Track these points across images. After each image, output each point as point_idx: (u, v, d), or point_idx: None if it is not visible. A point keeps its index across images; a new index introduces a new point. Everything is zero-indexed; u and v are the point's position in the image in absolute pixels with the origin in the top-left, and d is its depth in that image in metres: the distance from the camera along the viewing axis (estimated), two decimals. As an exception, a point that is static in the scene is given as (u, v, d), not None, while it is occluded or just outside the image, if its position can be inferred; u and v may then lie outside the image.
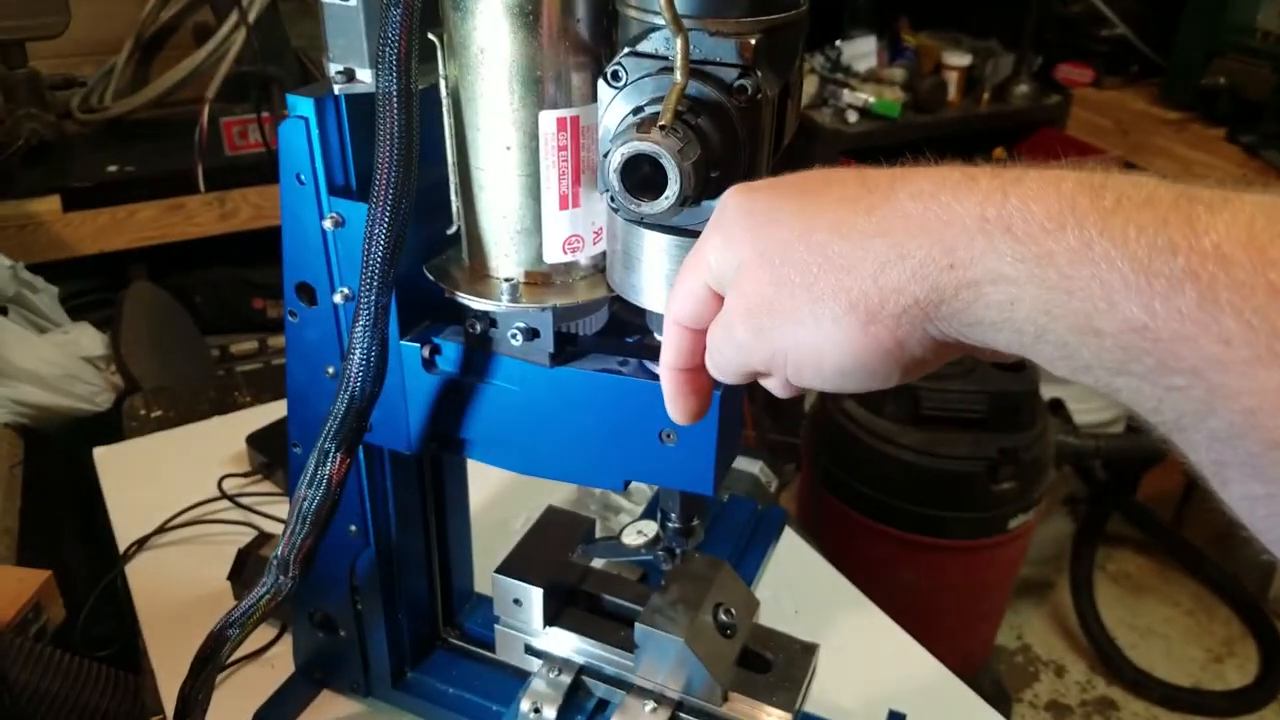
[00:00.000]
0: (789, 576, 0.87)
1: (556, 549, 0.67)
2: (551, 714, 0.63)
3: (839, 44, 2.01)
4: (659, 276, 0.45)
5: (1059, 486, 2.02)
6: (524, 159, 0.47)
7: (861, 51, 2.02)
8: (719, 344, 0.38)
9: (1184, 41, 1.84)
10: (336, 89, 0.49)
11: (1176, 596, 2.05)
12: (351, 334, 0.48)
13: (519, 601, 0.65)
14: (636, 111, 0.41)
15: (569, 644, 0.65)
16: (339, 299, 0.54)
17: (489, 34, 0.44)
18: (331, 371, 0.58)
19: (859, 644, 0.80)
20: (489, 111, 0.46)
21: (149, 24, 1.85)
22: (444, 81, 0.47)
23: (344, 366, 0.49)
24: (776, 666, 0.62)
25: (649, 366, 0.51)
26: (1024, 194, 0.28)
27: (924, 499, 1.45)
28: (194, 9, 1.87)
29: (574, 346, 0.53)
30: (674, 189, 0.38)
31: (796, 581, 0.86)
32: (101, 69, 1.84)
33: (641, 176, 0.39)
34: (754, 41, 0.38)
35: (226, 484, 0.94)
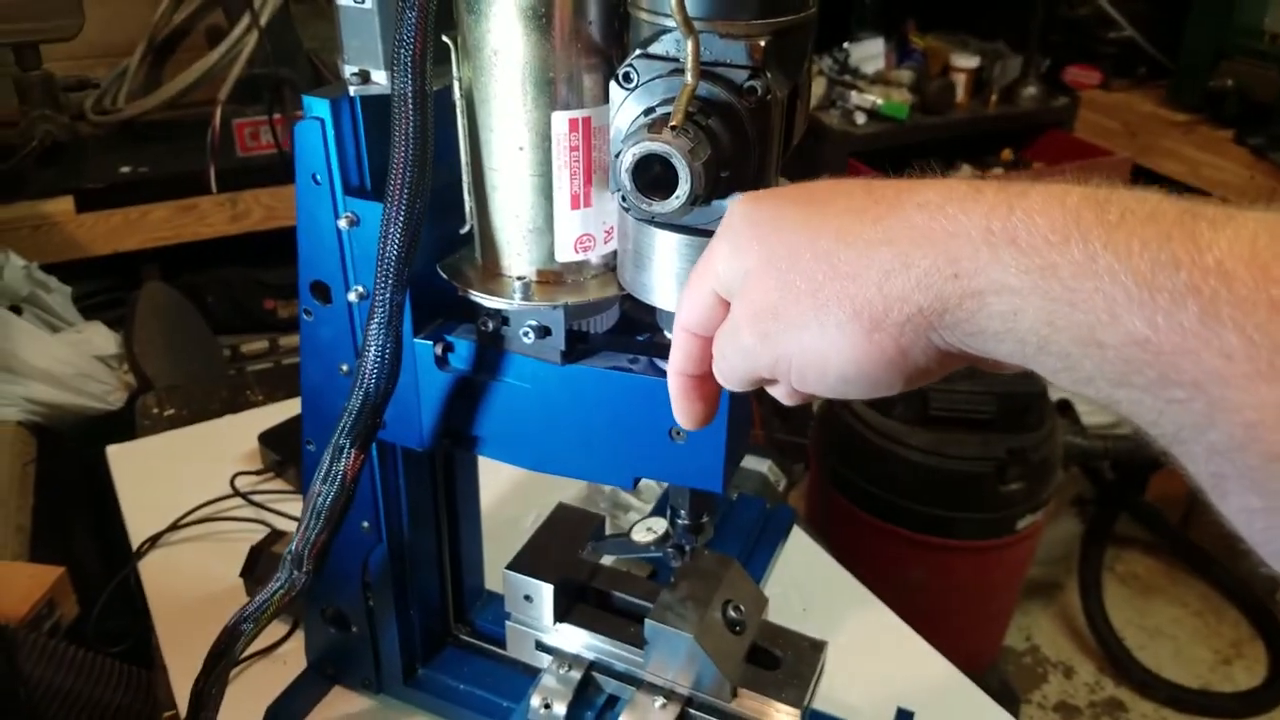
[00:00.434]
0: (797, 575, 0.87)
1: (567, 546, 0.67)
2: (562, 710, 0.64)
3: (847, 46, 2.01)
4: (669, 275, 0.46)
5: (1067, 487, 2.03)
6: (536, 159, 0.48)
7: (869, 53, 2.02)
8: (725, 350, 0.38)
9: (1191, 43, 1.84)
10: (352, 90, 0.50)
11: (1185, 598, 2.05)
12: (366, 331, 0.49)
13: (529, 598, 0.65)
14: (648, 112, 0.41)
15: (579, 640, 0.66)
16: (353, 297, 0.55)
17: (502, 36, 0.45)
18: (346, 369, 0.59)
19: (867, 642, 0.81)
20: (502, 112, 0.47)
21: (162, 26, 1.87)
22: (458, 83, 0.48)
23: (359, 363, 0.50)
24: (785, 663, 0.62)
25: (659, 364, 0.52)
26: (1029, 207, 0.29)
27: (932, 499, 1.45)
28: (206, 11, 1.89)
29: (585, 344, 0.53)
30: (685, 189, 0.39)
31: (805, 580, 0.87)
32: (115, 71, 1.86)
33: (653, 176, 0.39)
34: (763, 43, 0.39)
35: (239, 482, 0.95)
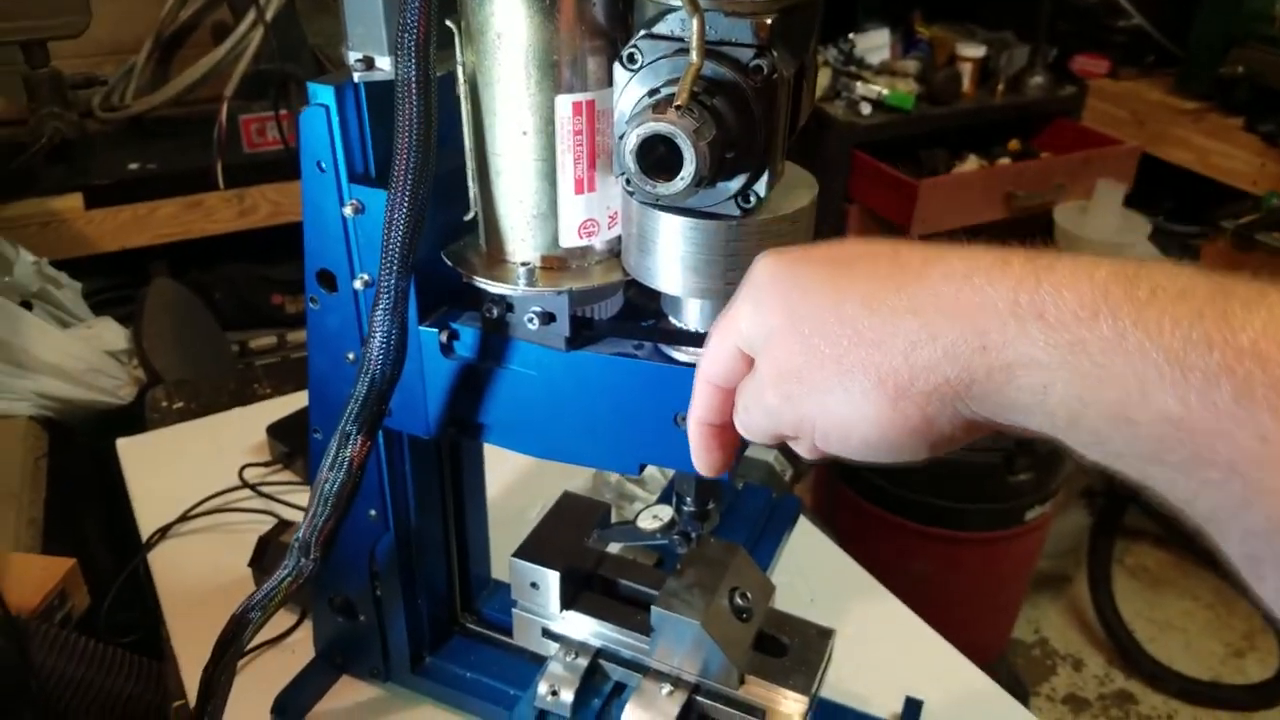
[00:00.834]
0: (804, 565, 0.87)
1: (573, 534, 0.67)
2: (569, 697, 0.64)
3: (852, 36, 2.01)
4: (674, 259, 0.46)
5: (1076, 479, 2.02)
6: (540, 144, 0.48)
7: (875, 44, 2.01)
8: (749, 406, 0.38)
9: (1201, 31, 1.83)
10: (356, 77, 0.49)
11: (1196, 590, 2.04)
12: (372, 318, 0.49)
13: (536, 585, 0.65)
14: (653, 93, 0.41)
15: (586, 627, 0.66)
16: (359, 285, 0.55)
17: (506, 19, 0.45)
18: (352, 357, 0.59)
19: (875, 631, 0.81)
20: (505, 96, 0.47)
21: (168, 23, 1.87)
22: (461, 68, 0.48)
23: (364, 350, 0.50)
24: (792, 650, 0.62)
25: (664, 350, 0.52)
26: (1057, 281, 0.28)
27: (940, 491, 1.45)
28: (212, 8, 1.89)
29: (590, 330, 0.53)
30: (690, 169, 0.39)
31: (812, 569, 0.87)
32: (122, 68, 1.86)
33: (657, 158, 0.39)
34: (769, 21, 0.39)
35: (247, 473, 0.96)
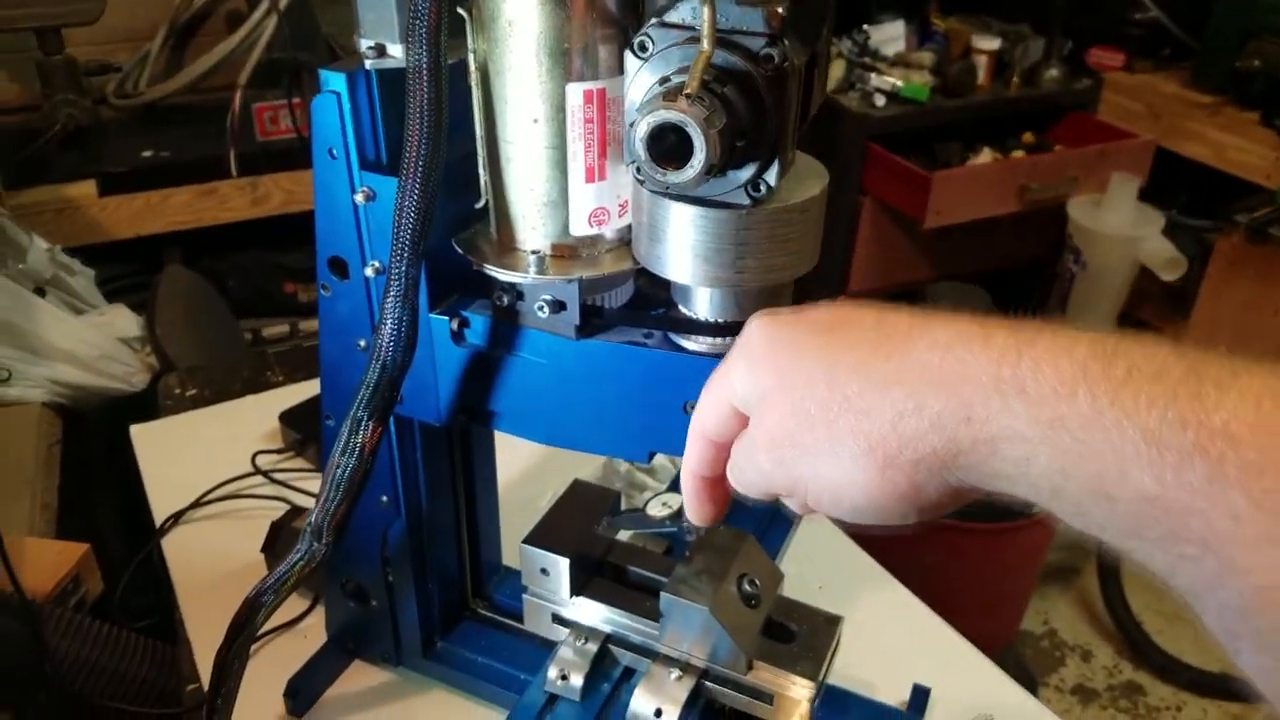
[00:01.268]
0: (814, 553, 0.87)
1: (583, 521, 0.68)
2: (578, 681, 0.65)
3: (867, 28, 2.00)
4: (684, 248, 0.46)
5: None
6: (551, 132, 0.48)
7: (890, 35, 2.00)
8: (742, 465, 0.39)
9: (1217, 24, 1.81)
10: (368, 64, 0.50)
11: (1206, 585, 2.03)
12: (383, 305, 0.49)
13: (546, 571, 0.66)
14: (663, 82, 0.41)
15: (596, 613, 0.66)
16: (370, 272, 0.55)
17: (517, 6, 0.45)
18: (363, 344, 0.59)
19: (883, 619, 0.81)
20: (517, 84, 0.47)
21: (183, 11, 1.88)
22: (472, 55, 0.48)
23: (375, 337, 0.50)
24: (800, 637, 0.62)
25: (674, 339, 0.52)
26: (1037, 356, 0.29)
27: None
28: (226, -4, 1.90)
29: (600, 319, 0.54)
30: (700, 158, 0.39)
31: (821, 558, 0.87)
32: (136, 55, 1.87)
33: (668, 146, 0.39)
34: (781, 10, 0.39)
35: (260, 460, 0.96)
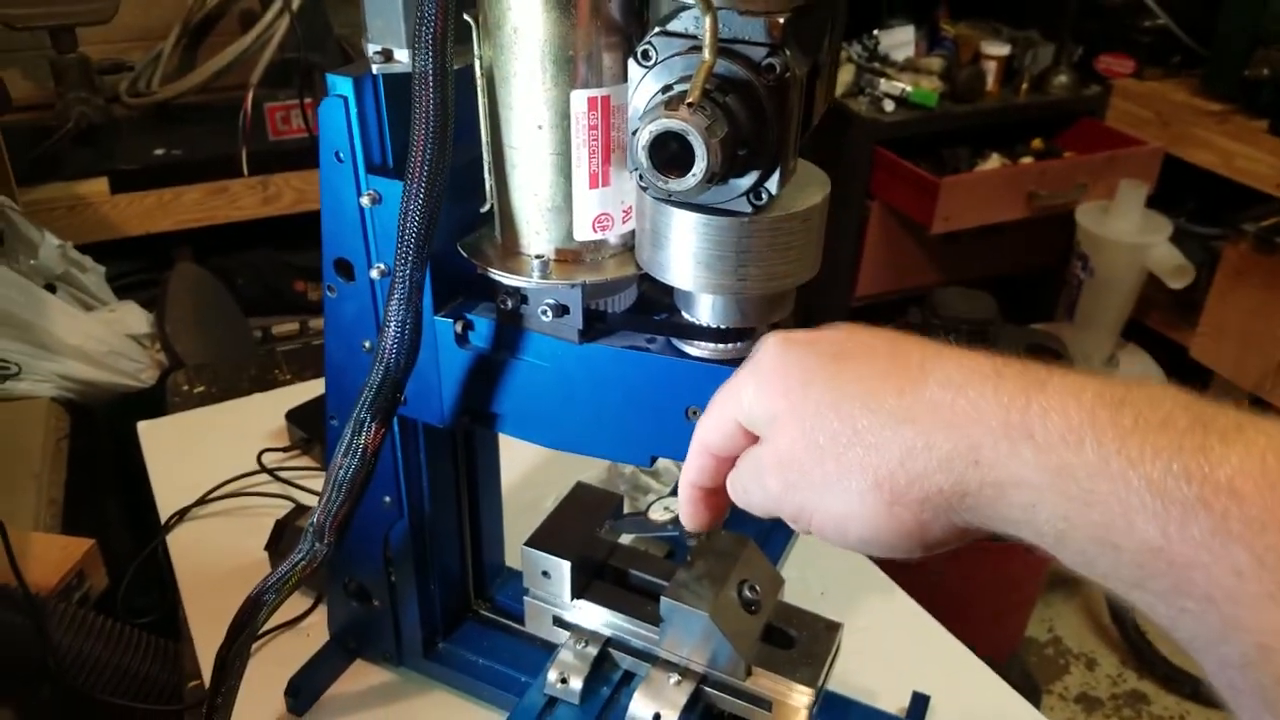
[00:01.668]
0: (815, 559, 0.87)
1: (585, 524, 0.68)
2: (578, 685, 0.65)
3: (877, 33, 2.00)
4: (686, 255, 0.46)
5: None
6: (556, 138, 0.48)
7: (899, 40, 2.00)
8: (747, 485, 0.39)
9: (1226, 32, 1.81)
10: (375, 69, 0.50)
11: (1212, 595, 2.02)
12: (387, 308, 0.50)
13: (548, 574, 0.66)
14: (666, 90, 0.41)
15: (596, 616, 0.67)
16: (375, 275, 0.56)
17: (522, 14, 0.45)
18: (368, 346, 0.59)
19: (884, 626, 0.81)
20: (522, 91, 0.47)
21: (196, 10, 1.90)
22: (478, 61, 0.49)
23: (380, 339, 0.50)
24: (800, 643, 0.63)
25: (676, 344, 0.52)
26: (1046, 402, 0.30)
27: (953, 490, 1.45)
28: (238, -4, 1.91)
29: (603, 323, 0.54)
30: (701, 166, 0.39)
31: (823, 563, 0.87)
32: (149, 54, 1.88)
33: (670, 154, 0.39)
34: (782, 20, 0.39)
35: (266, 458, 0.97)
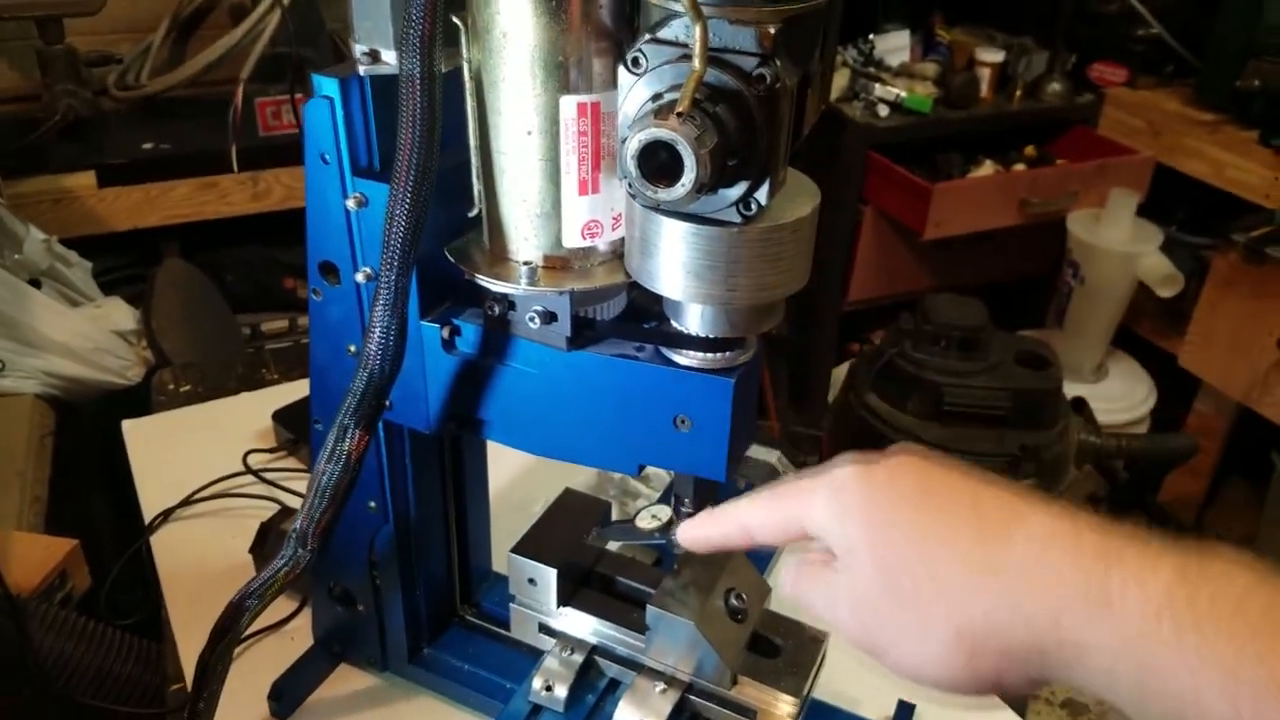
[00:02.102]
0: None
1: (572, 531, 0.68)
2: (563, 692, 0.64)
3: (872, 38, 1.99)
4: (676, 264, 0.46)
5: (1080, 485, 2.01)
6: (545, 144, 0.48)
7: (894, 46, 2.00)
8: (818, 602, 0.40)
9: (1218, 42, 1.81)
10: (361, 70, 0.50)
11: (1197, 601, 2.03)
12: (372, 313, 0.49)
13: (534, 581, 0.66)
14: (656, 98, 0.41)
15: (582, 624, 0.66)
16: (361, 279, 0.55)
17: (512, 18, 0.45)
18: (353, 350, 0.59)
19: (869, 636, 0.81)
20: (511, 96, 0.47)
21: (186, 3, 1.88)
22: (467, 65, 0.48)
23: (364, 345, 0.50)
24: (785, 652, 0.62)
25: (665, 353, 0.52)
26: (1125, 573, 0.31)
27: (942, 495, 1.45)
28: (230, -10, 1.90)
29: (591, 331, 0.53)
30: (690, 176, 0.39)
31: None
32: (138, 47, 1.87)
33: (659, 164, 0.39)
34: (773, 30, 0.39)
35: (252, 459, 0.96)
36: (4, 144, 1.60)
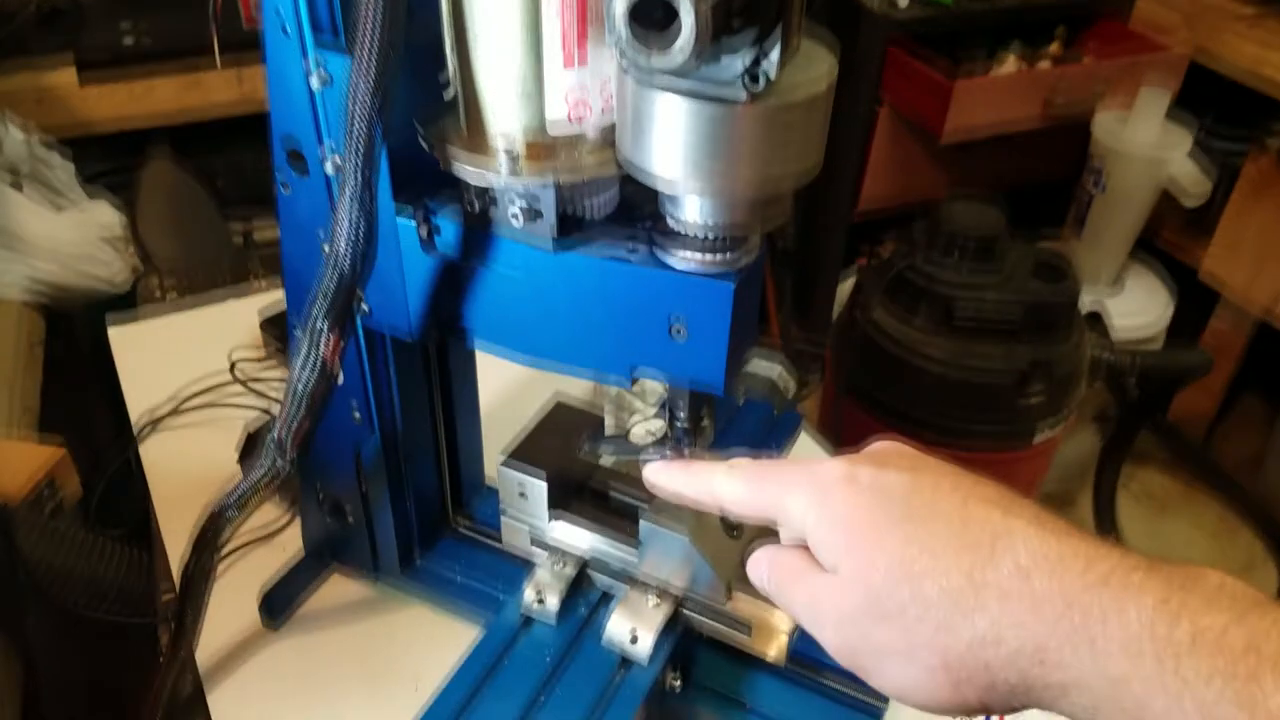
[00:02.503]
0: (805, 479, 0.85)
1: (563, 443, 0.65)
2: (555, 604, 0.62)
3: (891, -79, 1.87)
4: (670, 149, 0.41)
5: (1089, 401, 1.98)
6: (526, 9, 0.42)
7: (915, -70, 1.88)
8: (802, 616, 0.39)
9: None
10: (323, -71, 0.44)
11: (1201, 518, 2.03)
12: (338, 204, 0.45)
13: (524, 493, 0.63)
14: (649, -50, 0.36)
15: (574, 536, 0.64)
16: (330, 169, 0.51)
17: None
18: (328, 249, 0.55)
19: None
20: (488, -45, 0.42)
21: (161, -113, 1.77)
22: (439, -79, 0.43)
23: (331, 241, 0.46)
24: (784, 568, 0.60)
25: (660, 254, 0.48)
26: (1106, 605, 0.30)
27: (949, 408, 1.42)
28: None
29: (579, 229, 0.49)
30: (688, 34, 0.34)
31: (812, 485, 0.84)
32: (113, -66, 1.76)
33: (652, 22, 0.34)
34: None
35: (240, 366, 0.93)
36: (-23, 36, 1.52)
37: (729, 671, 0.63)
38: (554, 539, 0.65)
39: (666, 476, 0.45)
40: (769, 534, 0.49)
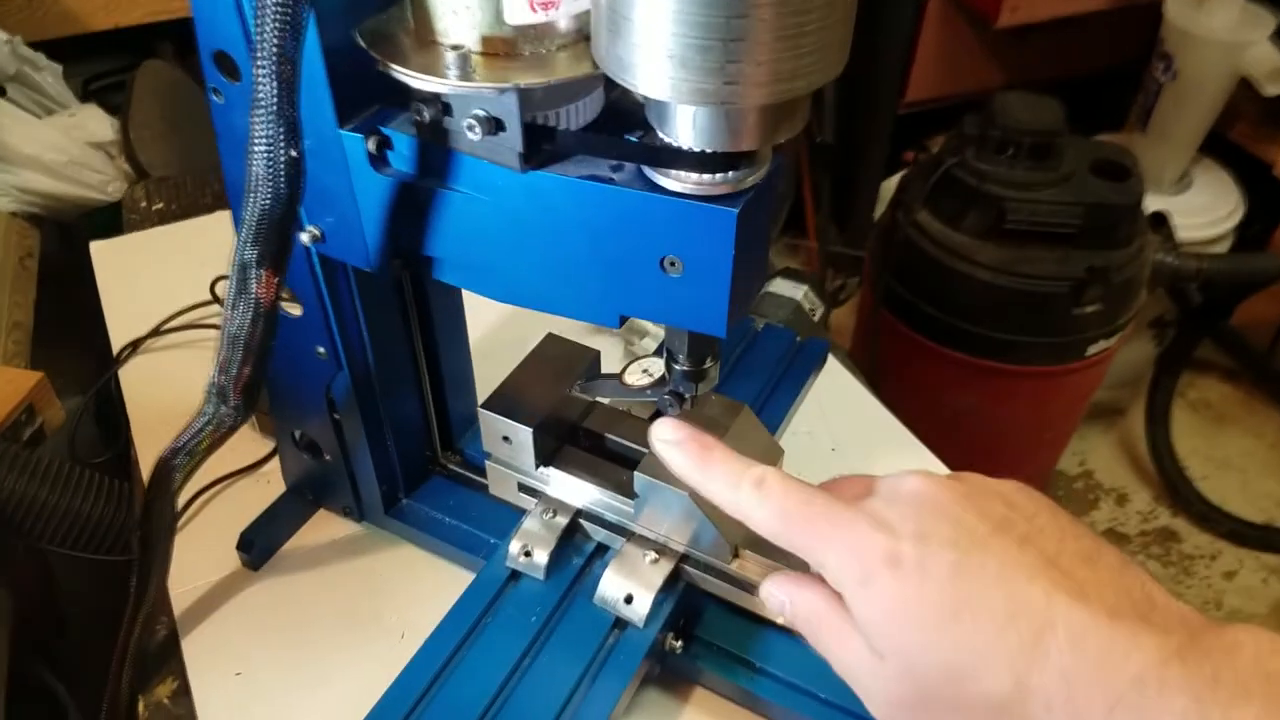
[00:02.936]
0: (829, 410, 0.77)
1: (554, 382, 0.58)
2: (543, 559, 0.57)
3: None
4: (656, 46, 0.32)
5: (1148, 308, 1.86)
6: None
7: None
8: (839, 664, 0.39)
9: None
10: None
11: (1261, 429, 1.92)
12: (251, 119, 0.37)
13: (509, 439, 0.57)
14: None
15: (566, 485, 0.58)
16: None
17: None
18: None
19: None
20: None
21: None
22: None
23: (246, 164, 0.38)
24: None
25: (649, 174, 0.40)
26: (1144, 713, 0.31)
27: (997, 321, 1.32)
28: None
29: (552, 144, 0.41)
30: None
31: (837, 415, 0.77)
32: None
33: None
34: None
35: (220, 287, 0.87)
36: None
37: (736, 629, 0.57)
38: (544, 487, 0.59)
39: (679, 460, 0.43)
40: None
